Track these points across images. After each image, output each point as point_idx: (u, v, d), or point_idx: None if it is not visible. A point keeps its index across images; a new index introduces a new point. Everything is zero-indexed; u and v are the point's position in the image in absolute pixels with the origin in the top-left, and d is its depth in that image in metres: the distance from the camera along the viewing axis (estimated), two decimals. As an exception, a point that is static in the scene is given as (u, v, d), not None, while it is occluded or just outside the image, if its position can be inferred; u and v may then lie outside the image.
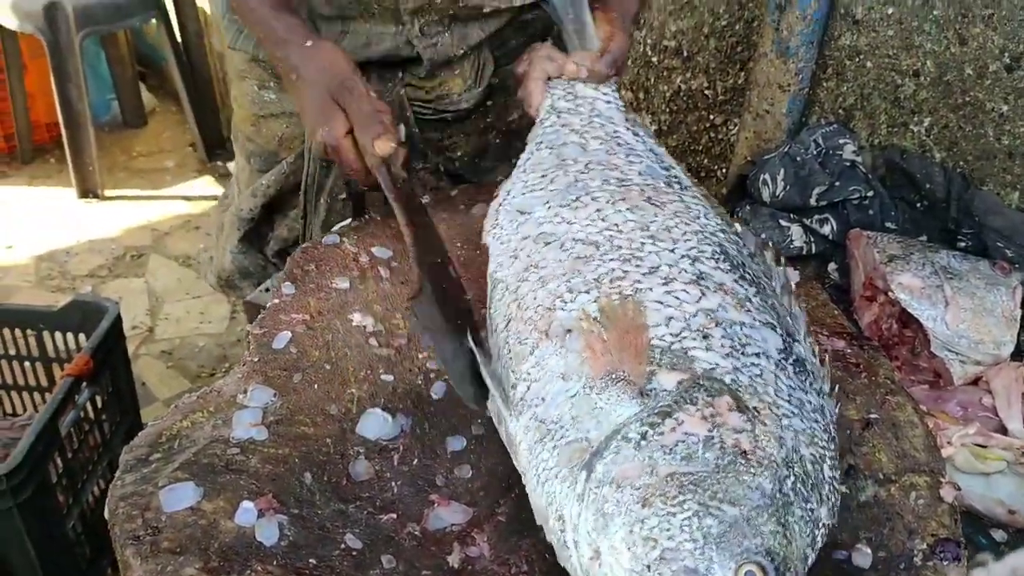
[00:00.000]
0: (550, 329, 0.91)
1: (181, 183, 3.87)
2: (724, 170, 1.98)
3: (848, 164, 1.57)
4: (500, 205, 1.11)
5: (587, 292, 0.93)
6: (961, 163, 1.52)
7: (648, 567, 0.72)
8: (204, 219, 3.59)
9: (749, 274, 0.97)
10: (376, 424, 0.94)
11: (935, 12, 1.49)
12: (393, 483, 0.90)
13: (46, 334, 2.19)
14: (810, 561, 0.78)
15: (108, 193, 3.68)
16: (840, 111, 1.69)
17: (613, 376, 0.85)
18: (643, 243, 0.97)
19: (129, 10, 3.53)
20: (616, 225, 1.00)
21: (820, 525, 0.79)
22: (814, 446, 0.82)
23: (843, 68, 1.66)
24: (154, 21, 3.67)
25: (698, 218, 1.02)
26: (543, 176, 1.11)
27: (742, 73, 1.80)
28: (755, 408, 0.82)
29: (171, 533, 0.79)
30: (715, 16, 1.83)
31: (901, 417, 0.97)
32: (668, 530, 0.73)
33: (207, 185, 3.85)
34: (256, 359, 1.00)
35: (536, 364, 0.90)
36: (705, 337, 0.88)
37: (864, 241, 1.50)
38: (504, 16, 1.32)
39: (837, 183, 1.55)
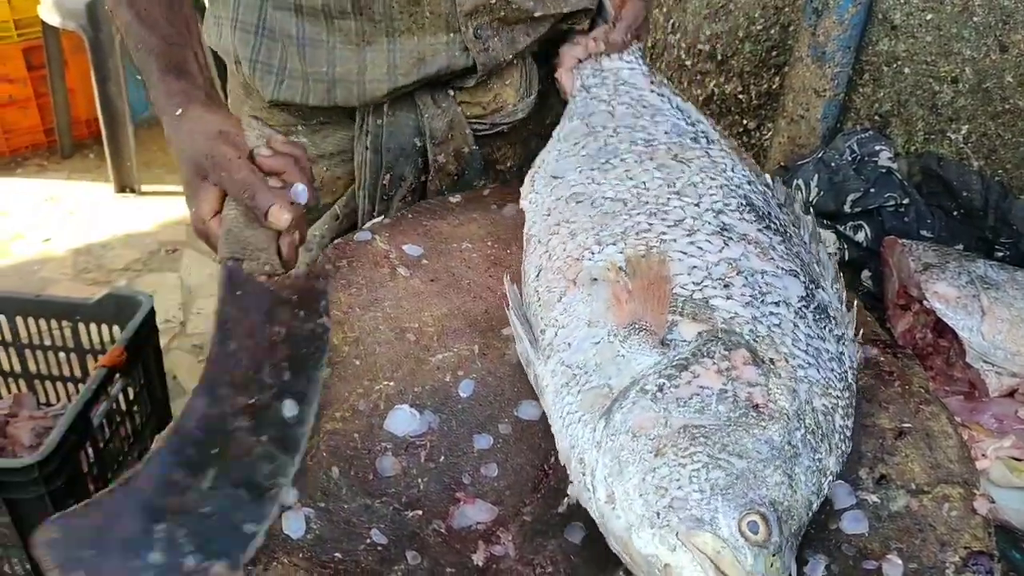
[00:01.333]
0: (578, 278, 0.96)
1: (216, 182, 3.92)
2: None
3: (884, 171, 1.55)
4: (536, 172, 1.18)
5: (614, 244, 0.99)
6: (999, 171, 1.50)
7: (658, 514, 0.75)
8: (238, 216, 3.63)
9: (775, 223, 1.02)
10: (404, 421, 0.94)
11: (975, 19, 1.47)
12: (419, 480, 0.90)
13: (81, 326, 2.23)
14: (814, 507, 0.81)
15: (145, 188, 3.73)
16: (876, 117, 1.67)
17: (636, 325, 0.90)
18: (669, 198, 1.03)
19: (168, 9, 3.58)
20: (644, 183, 1.06)
21: (827, 474, 0.83)
22: (827, 396, 0.86)
23: (880, 74, 1.64)
24: (194, 19, 3.72)
25: (724, 171, 1.07)
26: (575, 144, 1.17)
27: (777, 78, 1.79)
28: (771, 360, 0.86)
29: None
30: (750, 20, 1.82)
31: (935, 427, 0.95)
32: (678, 480, 0.77)
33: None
34: (287, 353, 1.01)
35: (564, 311, 0.95)
36: (726, 286, 0.92)
37: (899, 249, 1.47)
38: (549, 21, 1.31)
39: (872, 190, 1.53)
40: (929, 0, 1.52)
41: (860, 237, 1.53)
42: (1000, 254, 1.49)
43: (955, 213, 1.56)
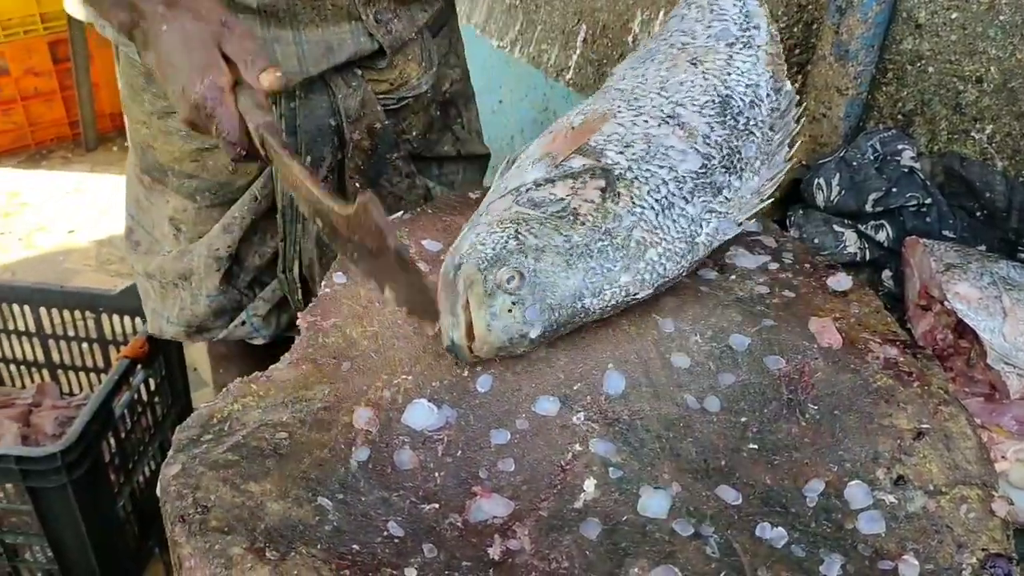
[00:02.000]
0: (545, 132, 1.21)
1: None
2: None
3: (906, 170, 1.54)
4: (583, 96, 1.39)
5: (584, 116, 1.19)
6: (1023, 172, 1.49)
7: (459, 263, 1.01)
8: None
9: (739, 121, 1.18)
10: (422, 415, 0.95)
11: (1001, 17, 1.45)
12: (436, 473, 0.90)
13: (104, 317, 2.26)
14: (588, 304, 1.01)
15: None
16: (899, 116, 1.65)
17: (549, 155, 1.13)
18: (648, 92, 1.20)
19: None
20: (646, 80, 1.23)
21: (615, 284, 1.03)
22: (652, 233, 1.05)
23: (904, 73, 1.62)
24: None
25: (727, 75, 1.22)
26: (643, 52, 1.33)
27: (799, 76, 1.78)
28: (618, 193, 1.06)
29: (219, 513, 0.81)
30: (773, 18, 1.81)
31: (953, 428, 0.95)
32: (483, 242, 1.01)
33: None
34: (306, 346, 1.02)
35: (524, 150, 1.20)
36: (627, 146, 1.12)
37: (920, 249, 1.46)
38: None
39: (894, 189, 1.51)
40: (954, -2, 1.51)
41: (881, 237, 1.51)
42: (1023, 255, 1.47)
43: (978, 214, 1.54)
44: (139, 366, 2.07)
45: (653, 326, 1.08)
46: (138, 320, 2.23)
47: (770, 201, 1.15)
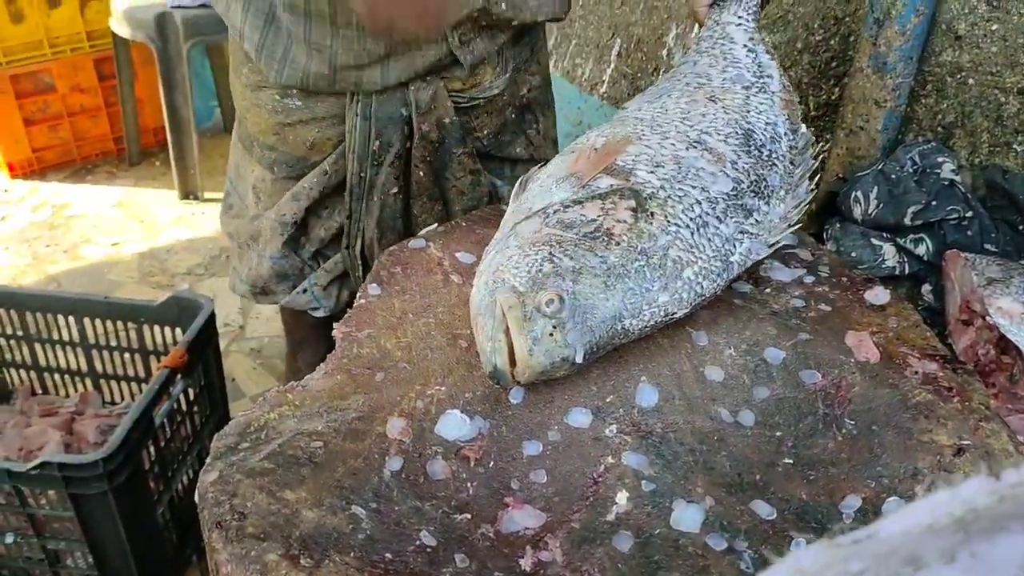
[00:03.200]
0: (566, 151, 1.22)
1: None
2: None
3: (946, 183, 1.52)
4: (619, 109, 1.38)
5: (605, 137, 1.20)
6: (1069, 185, 1.46)
7: (494, 281, 1.00)
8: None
9: (763, 153, 1.19)
10: (455, 425, 0.95)
11: (1044, 28, 1.43)
12: (469, 484, 0.91)
13: (146, 328, 2.30)
14: (627, 325, 1.01)
15: (207, 195, 3.83)
16: (939, 129, 1.63)
17: (574, 175, 1.13)
18: (671, 120, 1.22)
19: (234, 21, 3.67)
20: (667, 111, 1.25)
21: (654, 305, 1.02)
22: (688, 252, 1.05)
23: (943, 85, 1.60)
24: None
25: (747, 112, 1.24)
26: (655, 89, 1.35)
27: (836, 89, 1.76)
28: (651, 212, 1.06)
29: (256, 519, 0.82)
30: (809, 31, 1.80)
31: (995, 445, 0.93)
32: (518, 265, 1.00)
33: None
34: (341, 356, 1.03)
35: (546, 165, 1.21)
36: (657, 166, 1.12)
37: (961, 263, 1.44)
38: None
39: (934, 202, 1.49)
40: (995, 10, 1.49)
41: (921, 250, 1.49)
42: (1067, 269, 1.44)
43: (1020, 227, 1.51)
44: (179, 376, 2.11)
45: (687, 339, 1.07)
46: (178, 331, 2.26)
47: (798, 226, 1.15)
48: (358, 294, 1.13)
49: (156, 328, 2.31)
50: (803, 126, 1.27)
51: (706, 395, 1.01)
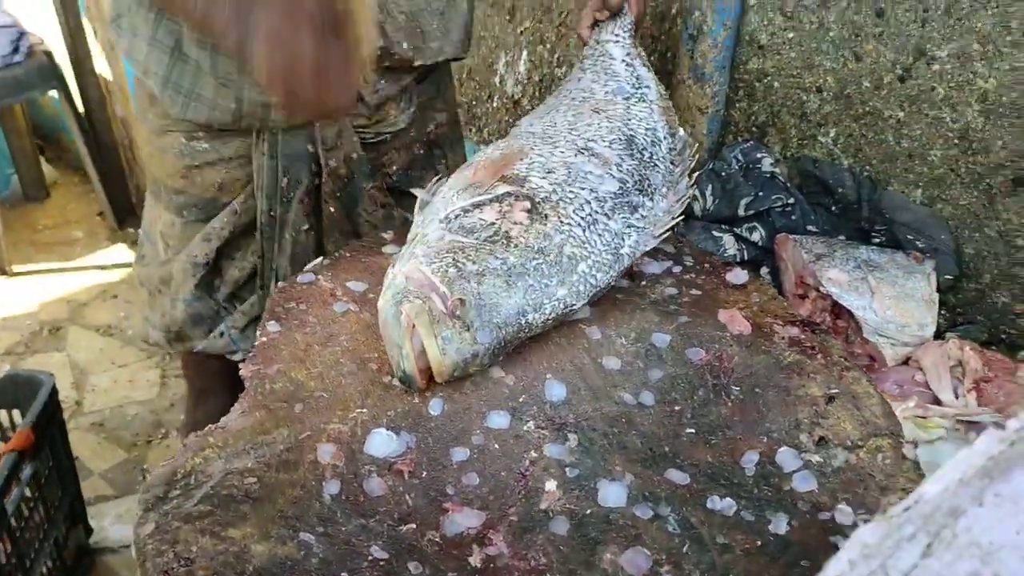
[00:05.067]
0: (465, 166, 1.28)
1: (93, 253, 3.80)
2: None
3: (768, 176, 1.70)
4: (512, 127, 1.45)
5: (500, 150, 1.28)
6: (867, 167, 1.67)
7: (401, 291, 1.06)
8: (122, 287, 3.52)
9: (644, 155, 1.31)
10: (383, 443, 0.98)
11: (831, 34, 1.64)
12: (407, 496, 0.93)
13: (-25, 412, 2.12)
14: (530, 318, 1.08)
15: (16, 269, 3.58)
16: (754, 128, 1.82)
17: (472, 185, 1.20)
18: (559, 132, 1.32)
19: (27, 83, 3.47)
20: (555, 123, 1.35)
21: (553, 299, 1.10)
22: (582, 248, 1.14)
23: (753, 89, 1.79)
24: (51, 93, 3.61)
25: (628, 120, 1.37)
26: (545, 106, 1.47)
27: (660, 100, 1.93)
28: (545, 214, 1.15)
29: (204, 562, 0.81)
30: (630, 49, 1.96)
31: (858, 389, 1.07)
32: (423, 269, 1.06)
33: (120, 253, 3.78)
34: (255, 394, 1.03)
35: (447, 179, 1.27)
36: (549, 172, 1.22)
37: (791, 244, 1.61)
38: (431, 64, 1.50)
39: (761, 193, 1.67)
40: (789, 20, 1.69)
41: (755, 237, 1.66)
42: (877, 240, 1.65)
43: (833, 208, 1.71)
44: (26, 459, 1.96)
45: (581, 335, 1.15)
46: (16, 413, 2.11)
47: (680, 219, 1.26)
48: (259, 332, 1.12)
49: (-12, 412, 2.14)
50: (681, 130, 1.40)
51: (608, 383, 1.09)
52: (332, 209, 1.50)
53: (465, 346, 1.02)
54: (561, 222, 1.15)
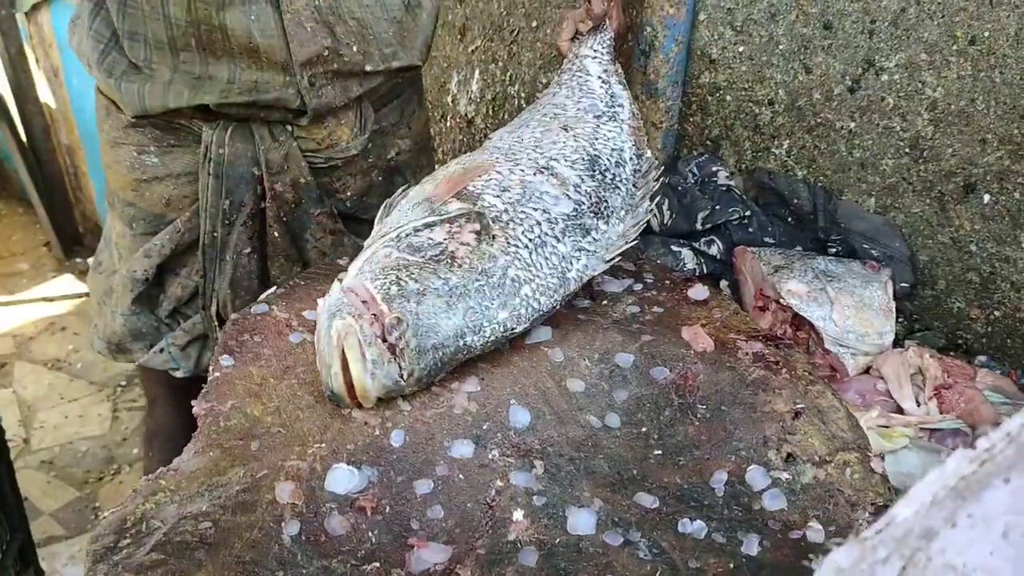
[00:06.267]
0: (430, 178, 1.26)
1: (39, 285, 3.70)
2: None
3: (724, 188, 1.70)
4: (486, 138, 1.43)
5: (464, 165, 1.26)
6: (821, 177, 1.68)
7: (333, 314, 1.02)
8: (70, 319, 3.43)
9: (608, 177, 1.30)
10: (344, 479, 0.94)
11: (780, 47, 1.65)
12: (370, 533, 0.90)
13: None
14: (469, 340, 1.07)
15: (-42, 305, 3.47)
16: (708, 142, 1.83)
17: (428, 199, 1.19)
18: (524, 149, 1.31)
19: (-34, 113, 3.37)
20: (522, 139, 1.34)
21: (494, 322, 1.08)
22: (527, 271, 1.12)
23: (706, 103, 1.80)
24: (-9, 123, 3.52)
25: (595, 140, 1.35)
26: (518, 120, 1.45)
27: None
28: (493, 236, 1.13)
29: (158, 614, 0.77)
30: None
31: (824, 404, 1.06)
32: (365, 285, 1.04)
33: (68, 283, 3.68)
34: (208, 432, 0.99)
35: (402, 197, 1.25)
36: (504, 190, 1.20)
37: (749, 256, 1.62)
38: (381, 76, 1.47)
39: (717, 207, 1.67)
40: (739, 34, 1.70)
41: (714, 251, 1.66)
42: (833, 250, 1.66)
43: (789, 219, 1.72)
44: (-29, 503, 1.88)
45: (544, 357, 1.13)
46: (-39, 454, 2.02)
47: (634, 243, 1.25)
48: (211, 367, 1.08)
49: (-63, 454, 2.05)
50: (648, 151, 1.40)
51: (572, 406, 1.07)
52: (276, 234, 1.48)
53: (393, 370, 1.00)
54: (508, 243, 1.13)
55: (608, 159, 1.33)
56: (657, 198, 1.40)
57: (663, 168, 1.45)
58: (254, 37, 1.30)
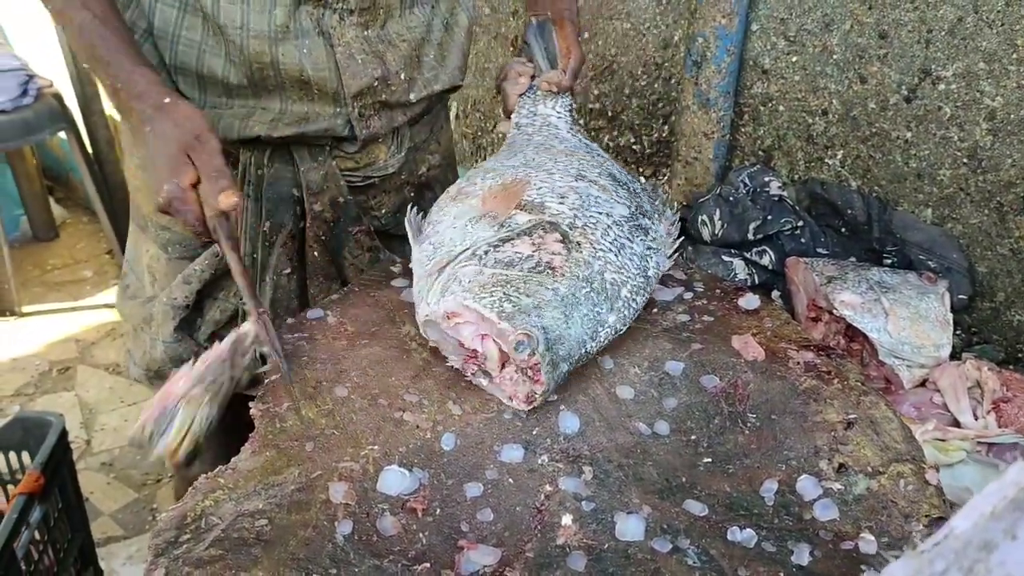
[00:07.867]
0: (458, 196, 1.25)
1: (102, 292, 3.80)
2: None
3: (776, 199, 1.69)
4: (473, 167, 1.39)
5: (493, 179, 1.26)
6: (876, 188, 1.66)
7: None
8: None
9: (628, 187, 1.30)
10: (395, 480, 0.96)
11: (835, 56, 1.64)
12: (421, 534, 0.92)
13: (-16, 455, 2.11)
14: (589, 346, 1.07)
15: (26, 309, 3.58)
16: (760, 152, 1.82)
17: (488, 215, 1.17)
18: (545, 163, 1.30)
19: (36, 126, 3.49)
20: (533, 159, 1.33)
21: (605, 325, 1.09)
22: (619, 273, 1.13)
23: (758, 113, 1.79)
24: (60, 134, 3.63)
25: (603, 161, 1.35)
26: (503, 153, 1.42)
27: (665, 127, 1.92)
28: (577, 243, 1.13)
29: (216, 607, 0.79)
30: (634, 77, 1.96)
31: (877, 414, 1.05)
32: (473, 305, 1.03)
33: (129, 291, 3.78)
34: (264, 433, 1.02)
35: (438, 211, 1.24)
36: (563, 197, 1.20)
37: (802, 267, 1.60)
38: (424, 103, 1.50)
39: (769, 217, 1.66)
40: (792, 44, 1.69)
41: (765, 261, 1.65)
42: (888, 261, 1.64)
43: (843, 229, 1.71)
44: (36, 502, 1.94)
45: (594, 365, 1.14)
46: (25, 455, 2.09)
47: (682, 239, 1.25)
48: (267, 371, 1.11)
49: (0, 455, 2.13)
50: (641, 178, 1.42)
51: (622, 413, 1.08)
52: (316, 253, 1.48)
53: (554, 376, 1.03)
54: (595, 248, 1.13)
55: (621, 174, 1.33)
56: (676, 207, 1.40)
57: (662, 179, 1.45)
58: (306, 70, 1.32)
